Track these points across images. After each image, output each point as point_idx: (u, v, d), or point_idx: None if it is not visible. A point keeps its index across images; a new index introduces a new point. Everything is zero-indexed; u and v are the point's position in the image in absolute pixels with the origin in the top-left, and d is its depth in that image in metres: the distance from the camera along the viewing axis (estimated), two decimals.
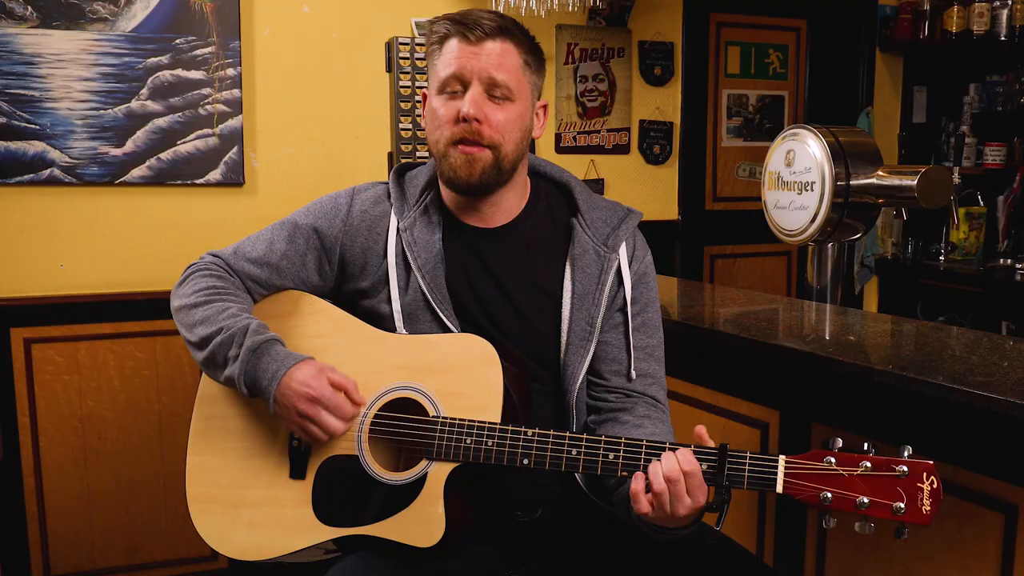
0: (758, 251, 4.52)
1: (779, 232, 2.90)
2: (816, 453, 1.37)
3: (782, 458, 1.39)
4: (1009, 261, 4.39)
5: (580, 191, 1.78)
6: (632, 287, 1.73)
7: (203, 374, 1.70)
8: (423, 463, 1.55)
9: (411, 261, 1.67)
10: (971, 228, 4.52)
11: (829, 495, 1.35)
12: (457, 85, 1.61)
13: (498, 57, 1.60)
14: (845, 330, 2.39)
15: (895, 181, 2.68)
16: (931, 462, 1.33)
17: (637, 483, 1.43)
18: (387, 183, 1.78)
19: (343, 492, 1.59)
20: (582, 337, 1.68)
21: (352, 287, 1.74)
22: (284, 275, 1.73)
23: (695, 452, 1.43)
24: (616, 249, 1.71)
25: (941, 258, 4.56)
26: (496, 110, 1.61)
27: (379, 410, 1.60)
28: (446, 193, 1.74)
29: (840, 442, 1.37)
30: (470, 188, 1.65)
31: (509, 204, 1.73)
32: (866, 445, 1.36)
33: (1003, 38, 4.28)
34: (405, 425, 1.58)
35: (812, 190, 2.72)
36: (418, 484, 1.55)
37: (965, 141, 4.56)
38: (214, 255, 1.76)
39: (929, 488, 1.32)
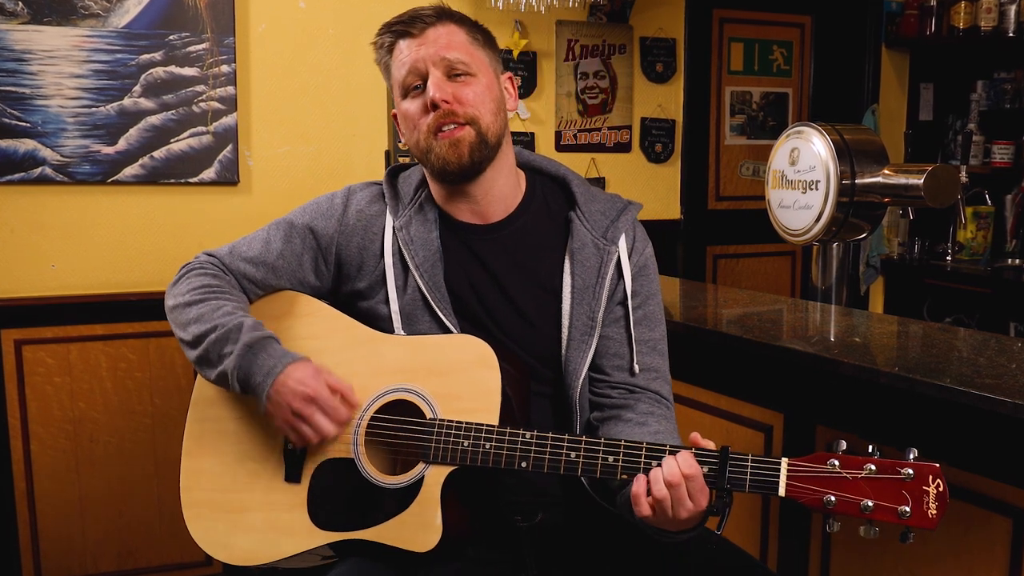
0: (762, 251, 4.50)
1: (783, 232, 2.88)
2: (819, 456, 1.35)
3: (784, 461, 1.37)
4: (1017, 261, 4.37)
5: (577, 184, 1.77)
6: (632, 279, 1.71)
7: (198, 376, 1.69)
8: (420, 466, 1.53)
9: (408, 260, 1.66)
10: (979, 228, 4.49)
11: (833, 499, 1.33)
12: (417, 80, 1.63)
13: (445, 38, 1.63)
14: (850, 331, 2.37)
15: (901, 180, 2.65)
16: (937, 465, 1.31)
17: (638, 486, 1.42)
18: (382, 183, 1.77)
19: (339, 496, 1.58)
20: (583, 332, 1.67)
21: (349, 288, 1.73)
22: (280, 275, 1.73)
23: (696, 455, 1.42)
24: (615, 241, 1.70)
25: (948, 258, 4.53)
26: (461, 87, 1.62)
27: (375, 412, 1.59)
28: (437, 191, 1.73)
29: (844, 445, 1.36)
30: (463, 170, 1.64)
31: (502, 192, 1.71)
32: (871, 448, 1.34)
33: (1011, 34, 4.25)
34: (401, 428, 1.56)
35: (817, 189, 2.70)
36: (414, 488, 1.53)
37: (972, 139, 4.52)
38: (209, 254, 1.76)
39: (935, 491, 1.30)
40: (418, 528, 1.51)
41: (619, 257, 1.70)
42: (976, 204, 4.48)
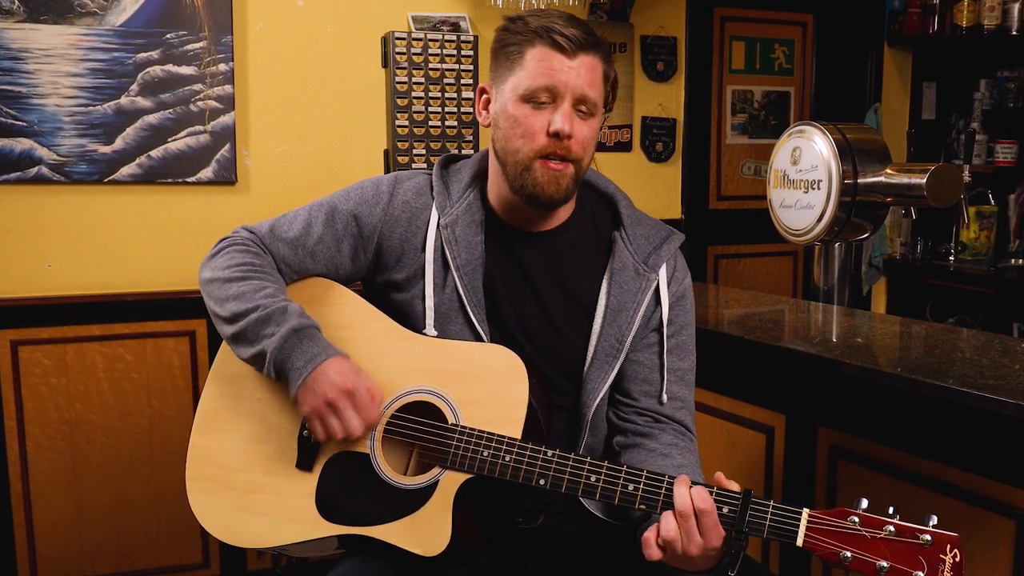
0: (763, 251, 4.49)
1: (785, 232, 2.86)
2: (841, 511, 1.36)
3: (806, 511, 1.37)
4: (1021, 261, 4.36)
5: (625, 205, 1.76)
6: (669, 308, 1.71)
7: (218, 354, 1.68)
8: (435, 470, 1.52)
9: (451, 260, 1.65)
10: (982, 227, 4.48)
11: (849, 555, 1.34)
12: (548, 98, 1.58)
13: (589, 73, 1.58)
14: (852, 332, 2.36)
15: (904, 179, 2.64)
16: (956, 535, 1.31)
17: (649, 531, 1.41)
18: (430, 174, 1.75)
19: (349, 489, 1.57)
20: (609, 353, 1.66)
21: (385, 278, 1.71)
22: (317, 259, 1.71)
23: (718, 494, 1.41)
24: (656, 269, 1.70)
25: (951, 258, 4.52)
26: (582, 125, 1.59)
27: (396, 411, 1.58)
28: (498, 191, 1.70)
29: (865, 503, 1.36)
30: (553, 204, 1.63)
31: (560, 211, 1.71)
32: (891, 509, 1.35)
33: (1014, 32, 4.23)
34: (422, 429, 1.55)
35: (819, 188, 2.69)
36: (428, 491, 1.52)
37: (975, 138, 4.50)
38: (249, 230, 1.73)
39: (951, 561, 1.31)
40: (426, 532, 1.50)
41: (658, 285, 1.70)
42: (979, 204, 4.46)
